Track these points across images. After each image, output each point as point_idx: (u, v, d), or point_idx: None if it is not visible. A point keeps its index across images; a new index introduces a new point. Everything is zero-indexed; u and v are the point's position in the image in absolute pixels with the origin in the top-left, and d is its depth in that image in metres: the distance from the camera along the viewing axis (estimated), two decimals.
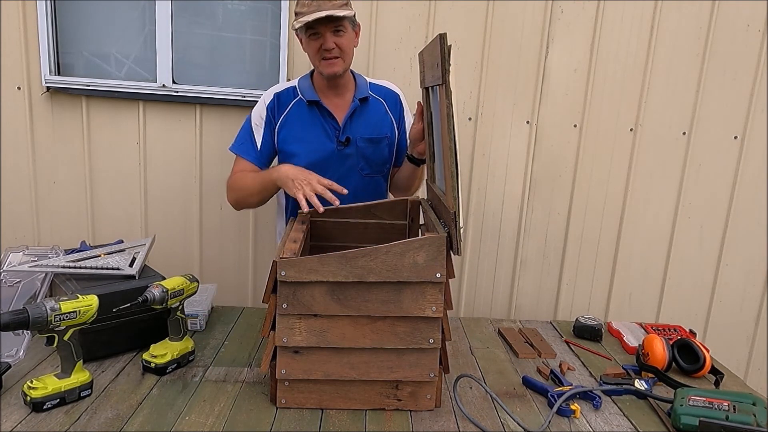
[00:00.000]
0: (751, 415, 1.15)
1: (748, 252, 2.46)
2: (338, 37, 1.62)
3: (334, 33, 1.61)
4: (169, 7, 2.14)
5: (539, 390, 1.35)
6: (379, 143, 1.77)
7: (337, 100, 1.75)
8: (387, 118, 1.79)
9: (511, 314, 2.47)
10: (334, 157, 1.73)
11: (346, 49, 1.64)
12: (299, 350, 1.21)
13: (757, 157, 2.37)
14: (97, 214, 2.29)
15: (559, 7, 2.21)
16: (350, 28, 1.64)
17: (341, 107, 1.74)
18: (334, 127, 1.73)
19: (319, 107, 1.72)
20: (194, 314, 1.59)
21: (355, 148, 1.74)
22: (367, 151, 1.75)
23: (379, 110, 1.78)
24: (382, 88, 1.82)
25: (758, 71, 2.29)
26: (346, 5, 1.60)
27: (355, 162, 1.75)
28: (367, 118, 1.76)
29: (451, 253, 1.18)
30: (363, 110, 1.76)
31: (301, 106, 1.73)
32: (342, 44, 1.62)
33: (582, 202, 2.39)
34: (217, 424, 1.16)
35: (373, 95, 1.78)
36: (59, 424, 1.12)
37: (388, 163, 1.82)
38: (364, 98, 1.75)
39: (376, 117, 1.77)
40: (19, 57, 2.13)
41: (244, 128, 1.79)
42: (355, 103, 1.73)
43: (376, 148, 1.77)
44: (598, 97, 2.30)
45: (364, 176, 1.78)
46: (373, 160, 1.77)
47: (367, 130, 1.75)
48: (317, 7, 1.56)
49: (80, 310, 1.17)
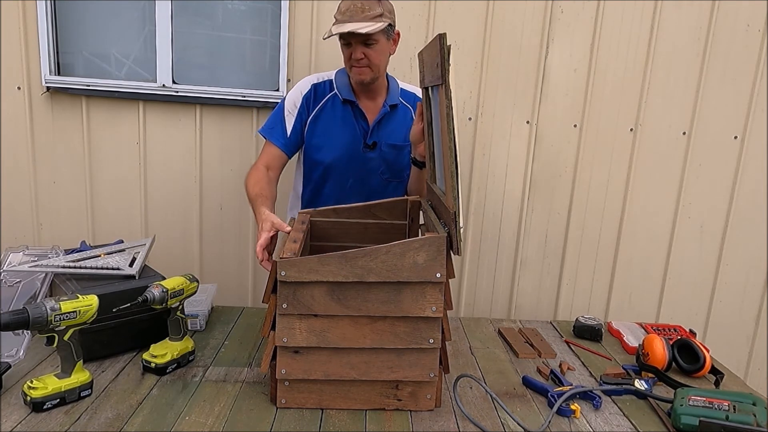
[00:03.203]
0: (751, 415, 1.15)
1: (748, 252, 2.46)
2: (368, 48, 1.62)
3: (364, 44, 1.62)
4: (169, 7, 2.14)
5: (539, 390, 1.35)
6: (402, 150, 1.78)
7: (368, 102, 1.76)
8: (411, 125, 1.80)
9: (511, 314, 2.47)
10: (358, 158, 1.75)
11: (375, 60, 1.64)
12: (299, 350, 1.21)
13: (757, 157, 2.37)
14: (97, 214, 2.29)
15: (559, 7, 2.21)
16: (383, 39, 1.64)
17: (372, 110, 1.76)
18: (364, 128, 1.75)
19: (353, 107, 1.74)
20: (194, 314, 1.59)
21: (379, 152, 1.76)
22: (390, 156, 1.77)
23: (405, 117, 1.79)
24: (411, 95, 1.82)
25: (758, 71, 2.29)
26: (380, 16, 1.59)
27: (377, 165, 1.77)
28: (395, 124, 1.78)
29: (451, 253, 1.18)
30: (391, 116, 1.77)
31: (336, 102, 1.75)
32: (371, 55, 1.63)
33: (582, 202, 2.39)
34: (217, 424, 1.16)
35: (402, 102, 1.80)
36: (59, 424, 1.12)
37: (408, 168, 1.83)
38: (393, 105, 1.77)
39: (402, 124, 1.78)
40: (19, 57, 2.13)
41: (276, 113, 1.78)
42: (386, 109, 1.75)
43: (398, 155, 1.78)
44: (598, 97, 2.30)
45: (384, 180, 1.80)
46: (394, 165, 1.79)
47: (393, 136, 1.77)
48: (349, 17, 1.57)
49: (80, 310, 1.17)
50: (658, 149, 2.35)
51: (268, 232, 1.40)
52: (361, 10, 1.58)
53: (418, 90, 1.83)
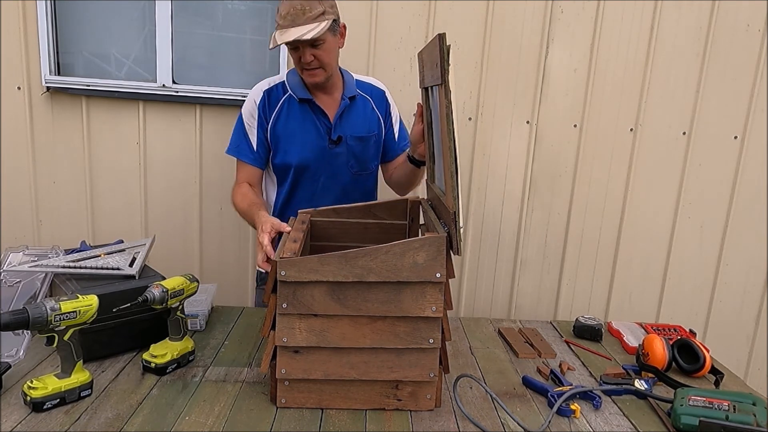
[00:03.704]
0: (751, 415, 1.14)
1: (748, 252, 2.46)
2: (317, 49, 1.58)
3: (311, 46, 1.58)
4: (169, 7, 2.14)
5: (539, 390, 1.35)
6: (368, 141, 1.77)
7: (325, 98, 1.73)
8: (374, 116, 1.79)
9: (511, 314, 2.47)
10: (325, 156, 1.73)
11: (325, 59, 1.61)
12: (299, 350, 1.21)
13: (757, 157, 2.37)
14: (97, 214, 2.29)
15: (559, 7, 2.21)
16: (330, 36, 1.60)
17: (331, 105, 1.73)
18: (326, 125, 1.72)
19: (311, 105, 1.71)
20: (194, 314, 1.59)
21: (346, 146, 1.74)
22: (357, 149, 1.76)
23: (366, 108, 1.78)
24: (368, 86, 1.81)
25: (758, 71, 2.29)
26: (322, 15, 1.55)
27: (345, 160, 1.75)
28: (356, 116, 1.76)
29: (451, 253, 1.18)
30: (351, 109, 1.75)
31: (292, 103, 1.71)
32: (321, 56, 1.59)
33: (582, 202, 2.39)
34: (217, 424, 1.16)
35: (360, 93, 1.78)
36: (59, 424, 1.12)
37: (375, 160, 1.83)
38: (352, 97, 1.74)
39: (364, 115, 1.77)
40: (19, 57, 2.13)
41: (237, 130, 1.76)
42: (345, 102, 1.72)
43: (365, 146, 1.77)
44: (598, 97, 2.30)
45: (354, 174, 1.78)
46: (361, 158, 1.77)
47: (357, 128, 1.75)
48: (291, 21, 1.53)
49: (80, 310, 1.17)
50: (658, 149, 2.35)
51: (269, 233, 1.38)
52: (302, 11, 1.52)
53: (374, 81, 1.83)
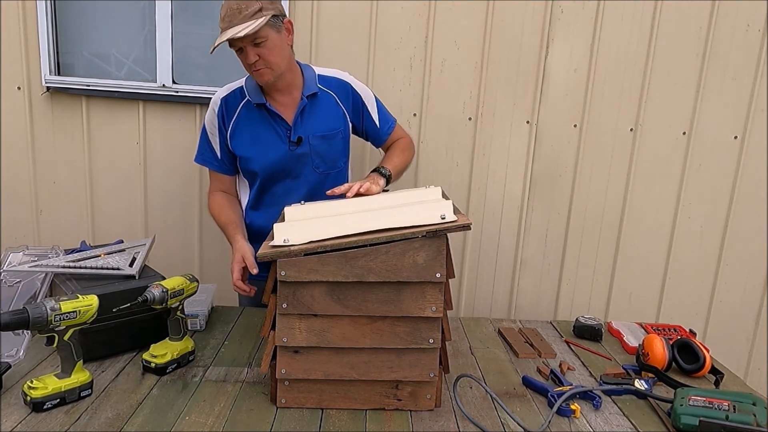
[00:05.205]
0: (751, 415, 1.15)
1: (748, 252, 2.46)
2: (260, 48, 1.53)
3: (254, 45, 1.53)
4: (169, 7, 2.14)
5: (539, 390, 1.35)
6: (333, 138, 1.72)
7: (284, 98, 1.68)
8: (339, 111, 1.73)
9: (511, 314, 2.47)
10: (287, 158, 1.69)
11: (270, 58, 1.55)
12: (299, 350, 1.21)
13: (757, 157, 2.37)
14: (97, 214, 2.29)
15: (559, 7, 2.21)
16: (273, 33, 1.54)
17: (290, 106, 1.69)
18: (285, 127, 1.68)
19: (267, 109, 1.67)
20: (194, 314, 1.59)
21: (308, 146, 1.69)
22: (321, 148, 1.71)
23: (329, 104, 1.72)
24: (332, 80, 1.74)
25: (758, 71, 2.29)
26: (259, 12, 1.50)
27: (310, 160, 1.71)
28: (318, 114, 1.70)
29: (450, 253, 1.18)
30: (313, 106, 1.69)
31: (251, 108, 1.68)
32: (265, 54, 1.54)
33: (582, 202, 2.39)
34: (217, 424, 1.16)
35: (323, 88, 1.71)
36: (59, 424, 1.12)
37: (344, 156, 1.78)
38: (312, 94, 1.68)
39: (327, 112, 1.71)
40: (19, 57, 2.13)
41: (202, 139, 1.75)
42: (303, 101, 1.67)
43: (330, 144, 1.72)
44: (598, 97, 2.30)
45: (320, 173, 1.74)
46: (327, 156, 1.73)
47: (319, 126, 1.70)
48: (228, 23, 1.50)
49: (80, 310, 1.17)
50: (658, 149, 2.35)
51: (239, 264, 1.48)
52: (238, 11, 1.49)
53: (337, 73, 1.76)
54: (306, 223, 1.29)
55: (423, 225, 1.16)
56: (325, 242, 1.16)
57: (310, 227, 1.23)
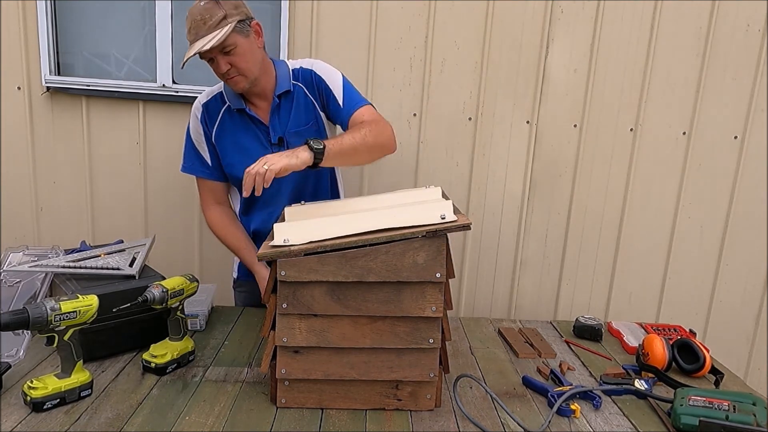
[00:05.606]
0: (751, 415, 1.14)
1: (748, 252, 2.46)
2: (230, 56, 1.51)
3: (223, 54, 1.51)
4: (169, 7, 2.14)
5: (539, 390, 1.35)
6: (307, 133, 1.65)
7: (262, 102, 1.66)
8: (308, 102, 1.68)
9: (511, 314, 2.47)
10: None
11: (242, 65, 1.53)
12: (299, 350, 1.21)
13: (757, 157, 2.37)
14: (97, 214, 2.29)
15: (559, 7, 2.21)
16: (241, 39, 1.51)
17: (267, 108, 1.66)
18: (264, 131, 1.66)
19: (247, 114, 1.65)
20: (194, 314, 1.59)
21: (287, 145, 1.65)
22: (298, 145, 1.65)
23: (300, 98, 1.67)
24: (299, 71, 1.68)
25: (758, 71, 2.29)
26: (224, 20, 1.47)
27: None
28: (293, 111, 1.66)
29: (450, 252, 1.18)
30: (286, 104, 1.66)
31: (232, 113, 1.66)
32: (236, 62, 1.52)
33: (582, 201, 2.39)
34: (217, 424, 1.16)
35: (295, 83, 1.67)
36: (59, 424, 1.12)
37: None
38: (285, 92, 1.64)
39: (299, 106, 1.67)
40: (19, 57, 2.13)
41: (188, 149, 1.73)
42: (275, 102, 1.64)
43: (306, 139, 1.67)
44: (598, 97, 2.30)
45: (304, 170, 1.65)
46: None
47: (294, 123, 1.66)
48: (195, 35, 1.48)
49: (80, 310, 1.17)
50: (658, 149, 2.35)
51: None
52: (202, 21, 1.47)
53: (304, 63, 1.69)
54: (306, 223, 1.29)
55: (423, 225, 1.16)
56: (325, 242, 1.16)
57: (310, 227, 1.23)
